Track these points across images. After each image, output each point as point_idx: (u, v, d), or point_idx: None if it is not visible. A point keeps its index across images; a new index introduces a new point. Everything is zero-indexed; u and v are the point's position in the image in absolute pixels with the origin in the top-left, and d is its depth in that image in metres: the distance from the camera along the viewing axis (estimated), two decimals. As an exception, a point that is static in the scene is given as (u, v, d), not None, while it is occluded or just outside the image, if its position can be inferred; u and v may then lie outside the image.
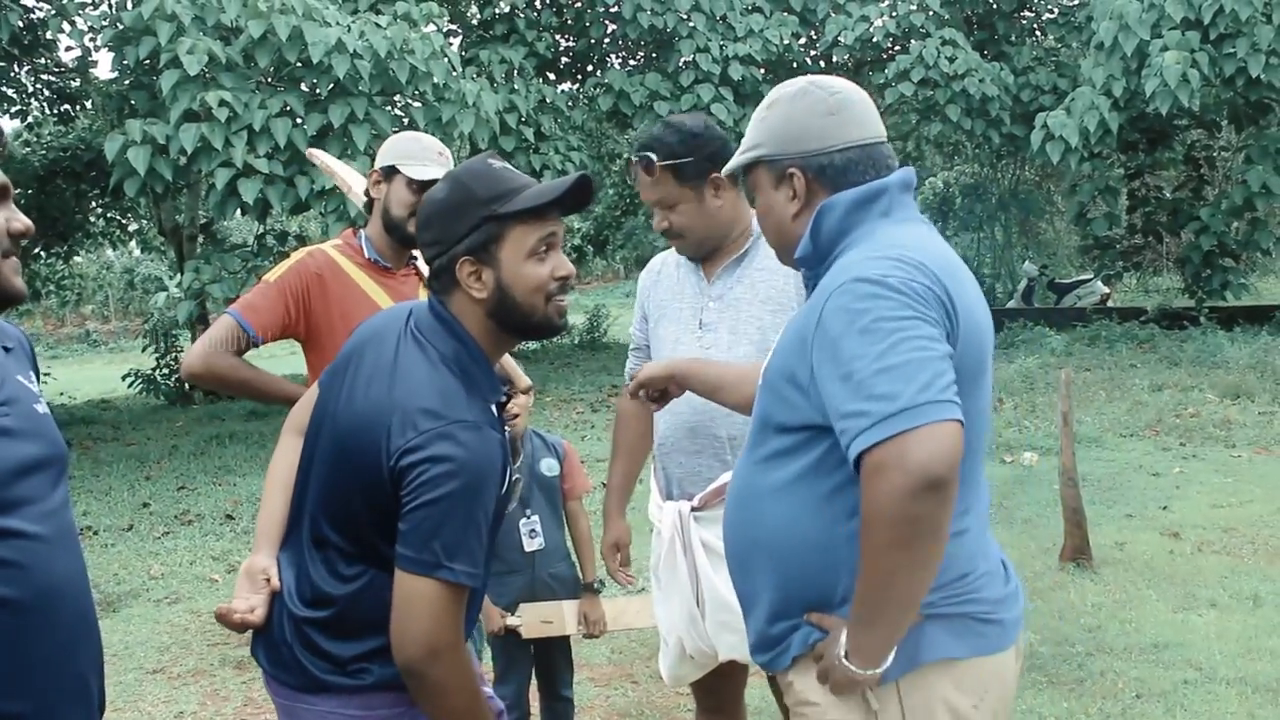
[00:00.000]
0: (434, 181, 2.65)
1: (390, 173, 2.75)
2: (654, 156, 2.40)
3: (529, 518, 3.09)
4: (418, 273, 2.83)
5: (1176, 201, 15.11)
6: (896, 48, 13.93)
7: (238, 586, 1.83)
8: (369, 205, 2.82)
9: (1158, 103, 11.16)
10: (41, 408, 1.60)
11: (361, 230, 2.83)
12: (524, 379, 2.74)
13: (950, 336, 1.55)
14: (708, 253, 2.52)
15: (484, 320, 1.74)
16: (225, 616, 1.81)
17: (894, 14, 13.40)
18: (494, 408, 1.73)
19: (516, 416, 3.04)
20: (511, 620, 3.06)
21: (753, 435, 1.73)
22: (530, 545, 3.09)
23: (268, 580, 1.81)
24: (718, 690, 2.70)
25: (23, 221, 1.48)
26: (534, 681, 3.27)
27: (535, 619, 3.09)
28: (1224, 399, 9.32)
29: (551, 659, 3.21)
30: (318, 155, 3.33)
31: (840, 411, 1.50)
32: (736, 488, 1.75)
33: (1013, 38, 15.15)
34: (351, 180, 3.14)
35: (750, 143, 1.79)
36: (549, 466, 3.16)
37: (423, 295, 2.78)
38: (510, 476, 1.77)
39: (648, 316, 2.68)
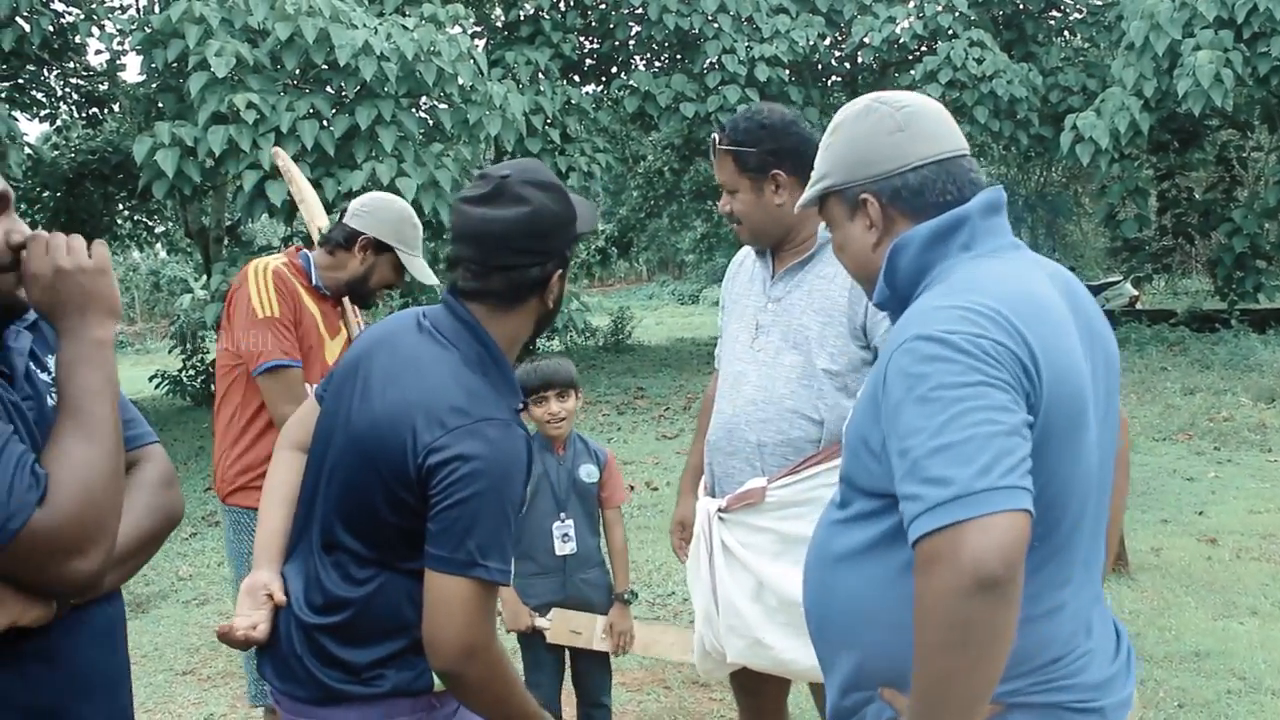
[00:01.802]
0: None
1: (382, 248, 2.87)
2: (716, 137, 2.42)
3: (563, 521, 3.07)
4: (340, 307, 3.02)
5: (1208, 203, 14.93)
6: (923, 49, 13.83)
7: (239, 604, 1.81)
8: (328, 244, 2.94)
9: (1190, 103, 11.02)
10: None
11: (305, 252, 2.95)
12: None
13: (1031, 397, 1.38)
14: (768, 245, 2.52)
15: (530, 327, 1.79)
16: (228, 634, 1.78)
17: (921, 15, 13.30)
18: (513, 411, 1.72)
19: (564, 420, 3.04)
20: (540, 622, 3.04)
21: (839, 491, 1.62)
22: (562, 549, 3.07)
23: (270, 595, 1.78)
24: (758, 693, 2.69)
25: (22, 233, 1.45)
26: (568, 686, 3.24)
27: (564, 627, 3.06)
28: (1258, 403, 9.18)
29: (590, 665, 3.18)
30: (282, 156, 3.39)
31: (899, 491, 1.36)
32: (816, 544, 1.64)
33: (1041, 38, 15.01)
34: (305, 193, 3.22)
35: (818, 174, 1.66)
36: (588, 473, 3.13)
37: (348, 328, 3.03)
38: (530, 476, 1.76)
39: (725, 308, 2.70)
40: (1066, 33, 15.86)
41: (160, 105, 9.93)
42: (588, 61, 14.93)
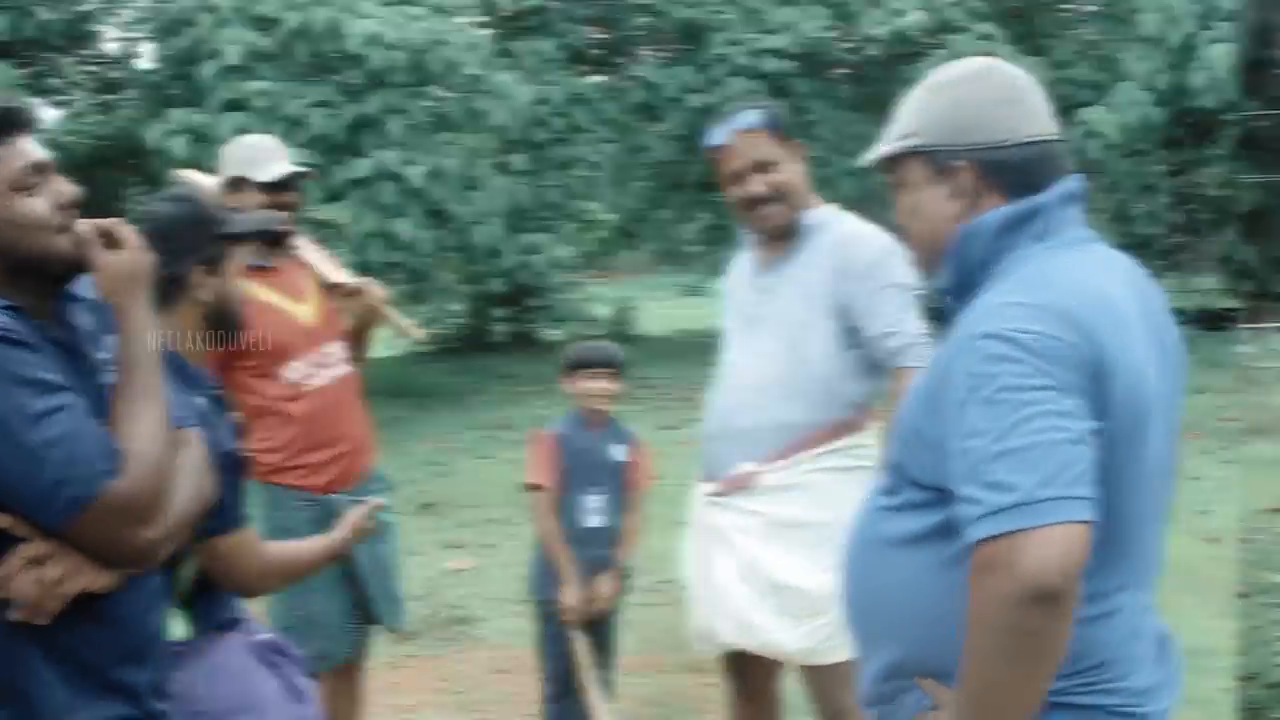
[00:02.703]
0: (285, 179, 2.94)
1: (234, 183, 2.94)
2: (735, 125, 2.52)
3: (596, 495, 3.21)
4: (299, 261, 3.04)
5: (1221, 199, 14.84)
6: (932, 42, 13.78)
7: None
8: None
9: (1205, 98, 10.95)
10: None
11: None
12: (338, 276, 3.02)
13: (1099, 403, 1.34)
14: (790, 225, 2.56)
15: (197, 325, 1.95)
16: None
17: (929, 8, 13.24)
18: (204, 399, 1.87)
19: (609, 398, 3.26)
20: (576, 633, 3.15)
21: (886, 477, 1.57)
22: (591, 521, 3.21)
23: None
24: (746, 675, 2.76)
25: (72, 193, 1.54)
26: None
27: (578, 653, 3.14)
28: (1266, 401, 9.15)
29: (600, 640, 3.27)
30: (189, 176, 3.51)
31: (958, 492, 1.33)
32: (860, 527, 1.60)
33: (1051, 31, 14.93)
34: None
35: (905, 129, 1.54)
36: (619, 452, 3.29)
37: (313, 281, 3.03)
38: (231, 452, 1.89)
39: (726, 305, 2.80)
40: (1078, 26, 15.78)
41: (173, 92, 9.98)
42: (594, 52, 14.93)
